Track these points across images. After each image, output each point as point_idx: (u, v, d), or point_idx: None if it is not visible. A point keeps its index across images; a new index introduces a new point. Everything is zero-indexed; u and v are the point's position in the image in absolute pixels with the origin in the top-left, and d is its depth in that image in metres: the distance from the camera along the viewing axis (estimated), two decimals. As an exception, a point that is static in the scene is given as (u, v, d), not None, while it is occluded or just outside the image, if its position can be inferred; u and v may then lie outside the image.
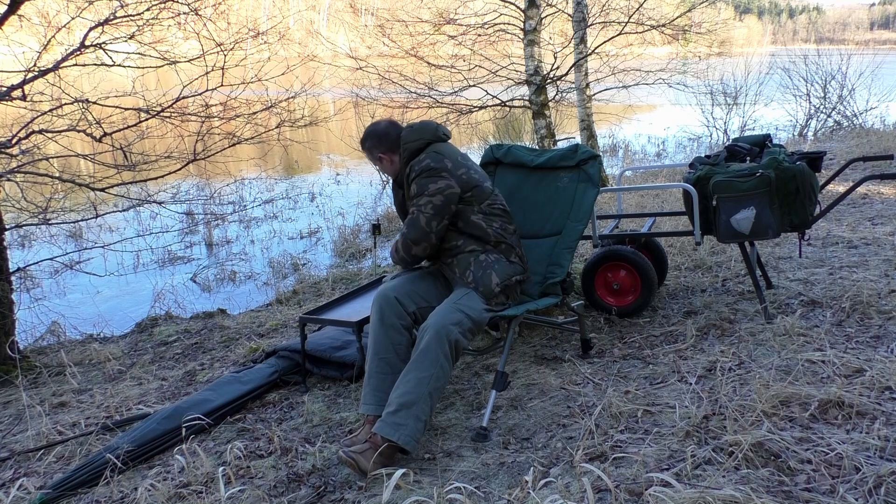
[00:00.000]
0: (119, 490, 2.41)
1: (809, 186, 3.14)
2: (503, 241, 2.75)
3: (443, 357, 2.43)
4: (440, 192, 2.62)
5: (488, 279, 2.65)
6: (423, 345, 2.43)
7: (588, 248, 4.67)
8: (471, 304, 2.59)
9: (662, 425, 2.34)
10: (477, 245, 2.71)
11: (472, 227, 2.70)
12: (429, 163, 2.65)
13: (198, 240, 7.57)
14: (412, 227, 2.66)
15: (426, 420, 2.40)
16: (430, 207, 2.62)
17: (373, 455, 2.30)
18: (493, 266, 2.68)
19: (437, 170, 2.64)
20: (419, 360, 2.42)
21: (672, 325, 3.36)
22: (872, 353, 2.67)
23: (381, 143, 2.79)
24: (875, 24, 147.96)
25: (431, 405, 2.41)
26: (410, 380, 2.39)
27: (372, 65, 8.49)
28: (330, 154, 13.52)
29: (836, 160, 7.61)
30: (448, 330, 2.45)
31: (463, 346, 2.51)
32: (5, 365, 3.66)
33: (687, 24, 9.15)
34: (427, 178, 2.63)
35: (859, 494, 1.78)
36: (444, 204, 2.63)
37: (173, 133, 4.65)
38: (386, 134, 2.78)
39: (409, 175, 2.70)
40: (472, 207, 2.70)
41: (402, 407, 2.35)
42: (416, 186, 2.64)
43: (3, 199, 4.26)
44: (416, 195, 2.65)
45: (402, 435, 2.32)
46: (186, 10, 4.52)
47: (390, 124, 2.82)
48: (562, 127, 10.32)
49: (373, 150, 2.80)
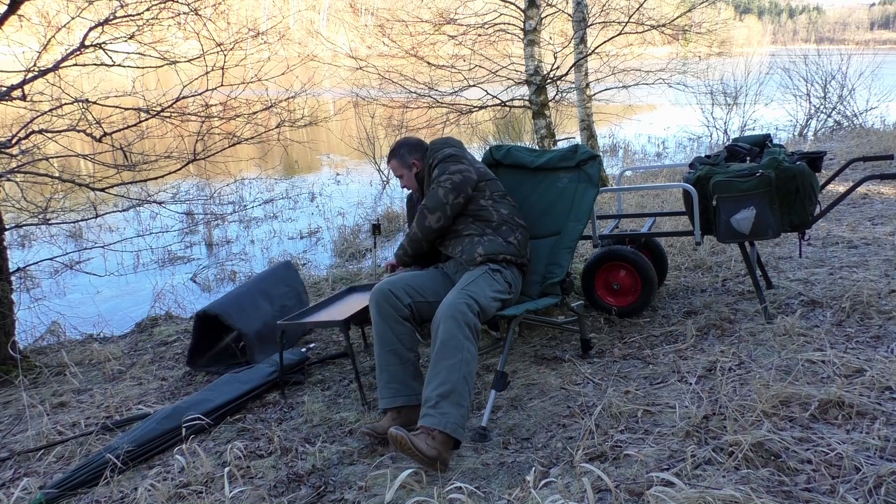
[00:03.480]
0: (119, 490, 2.41)
1: (809, 186, 3.14)
2: (506, 223, 2.90)
3: (465, 339, 2.43)
4: (459, 172, 2.85)
5: (472, 249, 2.81)
6: (442, 334, 2.43)
7: (588, 248, 4.67)
8: (478, 291, 2.61)
9: (662, 425, 2.34)
10: (475, 230, 2.86)
11: (478, 209, 2.89)
12: (451, 151, 2.95)
13: (198, 240, 7.57)
14: (430, 198, 2.84)
15: (467, 406, 2.38)
16: (449, 183, 2.82)
17: (426, 438, 2.26)
18: (482, 242, 2.83)
19: (458, 157, 2.92)
20: (442, 349, 2.41)
21: (672, 325, 3.36)
22: (872, 353, 2.67)
23: (415, 150, 3.07)
24: (875, 24, 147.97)
25: (469, 389, 2.40)
26: (441, 371, 2.37)
27: (372, 65, 8.48)
28: (330, 154, 13.53)
29: (836, 160, 7.61)
30: (462, 312, 2.46)
31: (478, 328, 2.52)
32: (5, 365, 3.66)
33: (687, 24, 9.14)
34: (448, 161, 2.89)
35: (859, 494, 1.78)
36: (462, 182, 2.83)
37: (173, 133, 4.64)
38: (419, 143, 3.10)
39: (431, 165, 2.93)
40: (483, 193, 2.92)
41: (442, 398, 2.33)
42: (438, 171, 2.88)
43: (3, 199, 4.26)
44: (437, 176, 2.87)
45: (448, 423, 2.30)
46: (186, 10, 4.52)
47: (418, 139, 3.14)
48: (562, 127, 10.32)
49: (406, 156, 3.06)
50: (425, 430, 2.29)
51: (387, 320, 2.61)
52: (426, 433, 2.28)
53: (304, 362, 3.37)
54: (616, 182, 4.52)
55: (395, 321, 2.61)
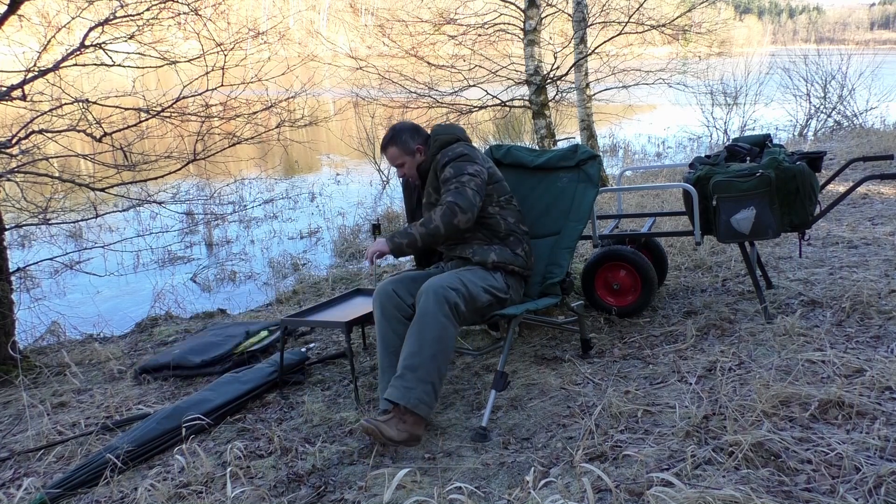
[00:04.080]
0: (119, 490, 2.41)
1: (809, 186, 3.14)
2: (513, 233, 2.84)
3: (443, 317, 2.43)
4: (479, 174, 2.75)
5: (486, 254, 2.75)
6: (421, 307, 2.45)
7: (588, 248, 4.67)
8: (470, 277, 2.62)
9: (662, 425, 2.34)
10: (483, 237, 2.81)
11: (486, 217, 2.81)
12: (463, 150, 2.81)
13: (198, 240, 7.57)
14: (461, 196, 2.67)
15: (434, 383, 2.39)
16: (474, 183, 2.71)
17: (398, 423, 2.31)
18: (493, 250, 2.78)
19: (471, 156, 2.80)
20: (419, 322, 2.42)
21: (672, 325, 3.36)
22: (872, 353, 2.67)
23: (417, 134, 2.90)
24: (875, 24, 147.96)
25: (438, 368, 2.40)
26: (412, 343, 2.40)
27: (372, 65, 8.48)
28: (330, 154, 13.52)
29: (836, 160, 7.61)
30: (446, 292, 2.46)
31: (462, 310, 2.52)
32: (5, 365, 3.66)
33: (687, 24, 9.15)
34: (464, 161, 2.77)
35: (859, 494, 1.78)
36: (483, 184, 2.75)
37: (173, 133, 4.64)
38: (419, 128, 2.94)
39: (440, 162, 2.80)
40: (491, 198, 2.82)
41: (407, 370, 2.36)
42: (452, 170, 2.75)
43: (3, 199, 4.26)
44: (454, 176, 2.73)
45: (410, 398, 2.32)
46: (186, 10, 4.52)
47: (414, 123, 2.97)
48: (562, 127, 10.32)
49: (409, 141, 2.88)
50: (396, 412, 2.34)
51: (390, 321, 2.63)
52: (397, 417, 2.32)
53: (303, 362, 3.37)
54: (616, 182, 4.52)
55: (398, 321, 2.62)
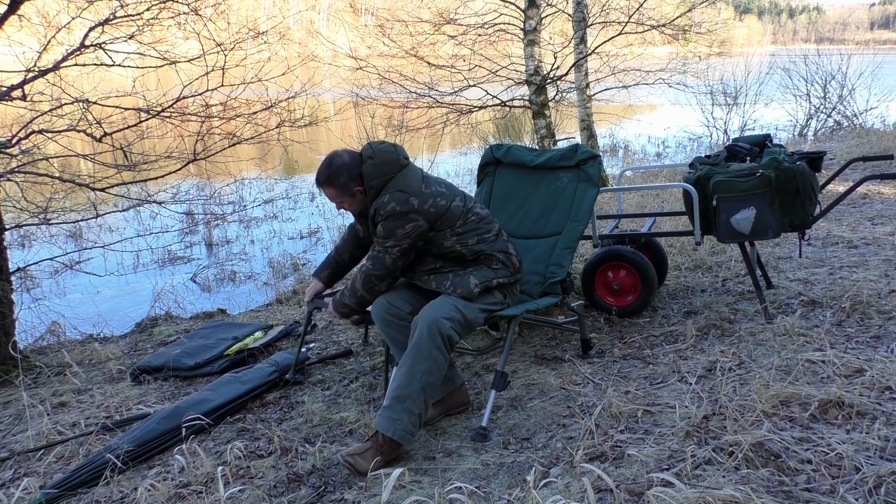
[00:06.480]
0: (119, 490, 2.41)
1: (809, 186, 3.14)
2: (481, 253, 2.68)
3: (436, 350, 2.45)
4: (408, 235, 2.56)
5: (466, 282, 2.61)
6: (416, 338, 2.46)
7: (588, 248, 4.67)
8: (466, 303, 2.60)
9: (662, 425, 2.34)
10: (455, 265, 2.68)
11: (447, 251, 2.65)
12: (394, 206, 2.53)
13: (198, 240, 7.57)
14: (378, 264, 2.59)
15: (420, 413, 2.43)
16: (398, 251, 2.57)
17: (374, 454, 2.34)
18: (471, 273, 2.64)
19: (404, 213, 2.54)
20: (411, 353, 2.45)
21: (672, 325, 3.36)
22: (872, 353, 2.67)
23: (355, 177, 2.62)
24: (875, 24, 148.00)
25: (425, 399, 2.44)
26: (403, 374, 2.43)
27: (372, 65, 8.48)
28: (330, 154, 13.48)
29: (836, 160, 7.61)
30: (440, 323, 2.46)
31: (455, 341, 2.52)
32: (6, 365, 3.66)
33: (687, 24, 9.15)
34: (394, 221, 2.54)
35: (859, 494, 1.78)
36: (411, 245, 2.59)
37: (173, 133, 4.65)
38: (356, 165, 2.63)
39: (375, 216, 2.61)
40: (444, 233, 2.62)
41: (396, 401, 2.41)
42: (383, 229, 2.57)
43: (3, 199, 4.25)
44: (382, 237, 2.58)
45: (397, 429, 2.38)
46: (186, 10, 4.52)
47: (352, 156, 2.65)
48: (562, 127, 10.31)
49: (349, 185, 2.62)
50: (374, 441, 2.39)
51: (395, 329, 2.65)
52: (375, 447, 2.37)
53: (304, 362, 3.37)
54: (616, 182, 4.52)
55: (402, 329, 2.63)
